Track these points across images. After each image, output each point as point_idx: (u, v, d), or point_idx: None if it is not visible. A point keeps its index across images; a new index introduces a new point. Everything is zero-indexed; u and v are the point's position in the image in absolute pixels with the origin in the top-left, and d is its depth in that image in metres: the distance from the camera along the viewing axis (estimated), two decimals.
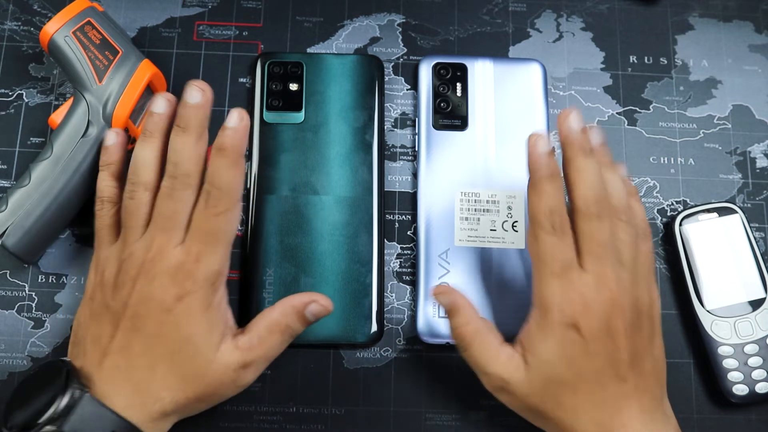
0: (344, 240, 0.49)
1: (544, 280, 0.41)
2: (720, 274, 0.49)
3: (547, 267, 0.41)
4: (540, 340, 0.40)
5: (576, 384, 0.40)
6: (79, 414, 0.38)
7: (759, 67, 0.55)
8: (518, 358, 0.41)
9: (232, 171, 0.41)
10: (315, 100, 0.52)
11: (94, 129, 0.47)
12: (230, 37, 0.54)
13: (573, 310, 0.40)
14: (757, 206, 0.53)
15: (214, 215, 0.41)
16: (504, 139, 0.52)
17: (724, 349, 0.48)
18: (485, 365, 0.41)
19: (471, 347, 0.42)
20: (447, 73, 0.53)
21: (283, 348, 0.43)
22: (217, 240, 0.41)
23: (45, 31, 0.47)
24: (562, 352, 0.40)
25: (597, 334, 0.39)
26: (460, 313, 0.42)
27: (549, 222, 0.40)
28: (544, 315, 0.40)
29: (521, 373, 0.41)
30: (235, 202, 0.41)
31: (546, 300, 0.40)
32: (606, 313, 0.40)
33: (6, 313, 0.49)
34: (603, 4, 0.56)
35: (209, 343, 0.40)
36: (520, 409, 0.42)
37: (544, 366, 0.40)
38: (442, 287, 0.44)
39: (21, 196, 0.46)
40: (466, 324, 0.42)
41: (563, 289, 0.40)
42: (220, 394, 0.41)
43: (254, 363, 0.41)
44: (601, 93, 0.54)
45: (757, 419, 0.49)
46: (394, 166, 0.52)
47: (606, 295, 0.40)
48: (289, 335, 0.42)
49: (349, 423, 0.48)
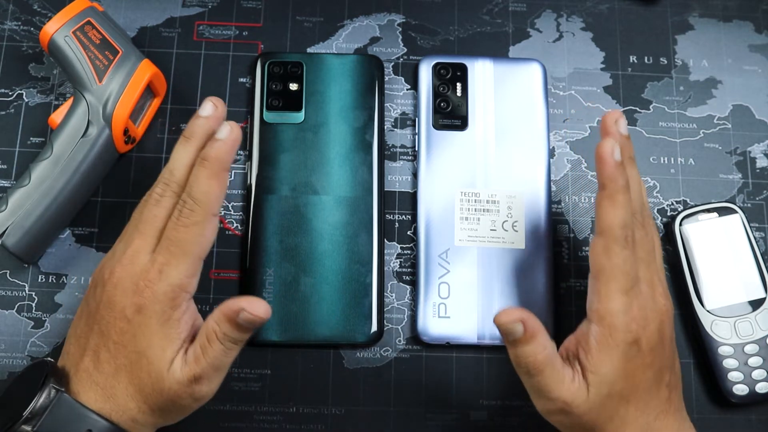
0: (344, 240, 0.49)
1: (613, 297, 0.39)
2: (720, 274, 0.49)
3: (618, 284, 0.39)
4: (604, 359, 0.39)
5: (629, 395, 0.39)
6: (54, 413, 0.38)
7: (759, 67, 0.55)
8: (579, 378, 0.39)
9: (210, 182, 0.39)
10: (315, 100, 0.52)
11: (94, 129, 0.47)
12: (230, 37, 0.54)
13: (637, 326, 0.39)
14: (757, 206, 0.53)
15: (184, 226, 0.39)
16: (504, 139, 0.52)
17: (724, 349, 0.48)
18: (551, 390, 0.39)
19: (543, 374, 0.39)
20: (447, 73, 0.53)
21: (229, 356, 0.39)
22: (183, 253, 0.39)
23: (45, 31, 0.47)
24: (623, 368, 0.39)
25: (654, 346, 0.39)
26: (536, 340, 0.39)
27: (624, 235, 0.39)
28: (611, 333, 0.39)
29: (583, 394, 0.39)
30: (208, 215, 0.39)
31: (613, 319, 0.39)
32: (660, 323, 0.40)
33: (6, 313, 0.49)
34: (603, 4, 0.56)
35: (162, 359, 0.38)
36: (569, 427, 0.40)
37: (606, 383, 0.39)
38: (511, 313, 0.39)
39: (21, 196, 0.46)
40: (542, 350, 0.39)
41: (629, 306, 0.39)
42: (182, 406, 0.39)
43: (204, 375, 0.39)
44: (601, 93, 0.54)
45: (757, 419, 0.49)
46: (394, 166, 0.52)
47: (660, 304, 0.40)
48: (230, 342, 0.39)
49: (349, 423, 0.48)
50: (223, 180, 0.40)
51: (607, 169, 0.39)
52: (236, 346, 0.39)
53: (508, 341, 0.39)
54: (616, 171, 0.39)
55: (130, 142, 0.50)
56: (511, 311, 0.39)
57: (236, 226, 0.51)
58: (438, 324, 0.48)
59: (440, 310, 0.49)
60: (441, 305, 0.49)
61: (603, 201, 0.39)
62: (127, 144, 0.50)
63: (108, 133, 0.47)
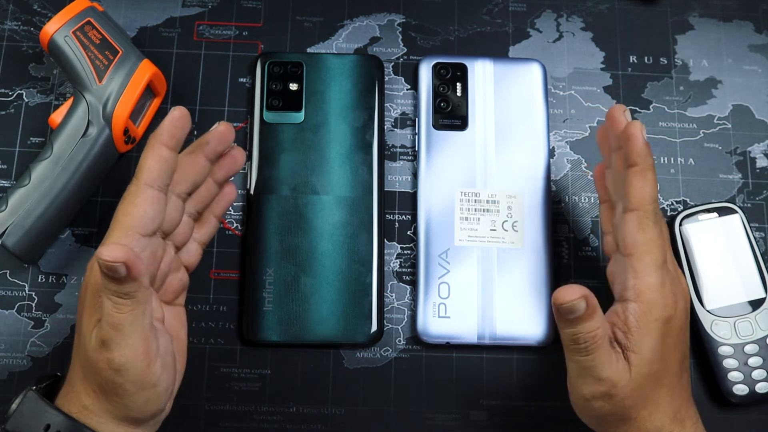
0: (344, 240, 0.49)
1: (649, 271, 0.39)
2: (720, 274, 0.49)
3: (653, 257, 0.39)
4: (643, 337, 0.38)
5: (663, 377, 0.39)
6: (21, 411, 0.38)
7: (759, 67, 0.55)
8: (622, 358, 0.39)
9: (144, 154, 0.40)
10: (315, 100, 0.52)
11: (94, 129, 0.47)
12: (230, 37, 0.54)
13: (670, 302, 0.39)
14: (757, 206, 0.53)
15: (121, 200, 0.40)
16: (504, 139, 0.52)
17: (724, 349, 0.48)
18: (602, 370, 0.38)
19: (599, 350, 0.38)
20: (447, 73, 0.53)
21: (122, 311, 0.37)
22: (115, 222, 0.39)
23: (45, 31, 0.47)
24: (660, 347, 0.39)
25: (681, 325, 0.40)
26: (598, 314, 0.38)
27: (655, 211, 0.40)
28: (650, 309, 0.38)
29: (627, 374, 0.38)
30: (140, 185, 0.39)
31: (652, 294, 0.39)
32: (686, 302, 0.41)
33: (6, 313, 0.49)
34: (603, 4, 0.56)
35: (88, 329, 0.38)
36: (606, 415, 0.39)
37: (645, 363, 0.38)
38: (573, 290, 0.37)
39: (21, 196, 0.46)
40: (603, 325, 0.38)
41: (663, 282, 0.39)
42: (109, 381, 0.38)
43: (107, 337, 0.37)
44: (601, 93, 0.54)
45: (757, 419, 0.49)
46: (394, 166, 0.52)
47: (683, 286, 0.41)
48: (114, 295, 0.36)
49: (349, 423, 0.48)
50: (158, 152, 0.40)
51: (638, 146, 0.40)
52: (124, 301, 0.37)
53: (567, 320, 0.38)
54: (646, 148, 0.40)
55: (130, 142, 0.50)
56: (571, 289, 0.37)
57: (236, 226, 0.51)
58: (438, 324, 0.48)
59: (440, 310, 0.49)
60: (441, 305, 0.49)
61: (635, 177, 0.40)
62: (127, 144, 0.50)
63: (108, 133, 0.47)
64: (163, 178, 0.40)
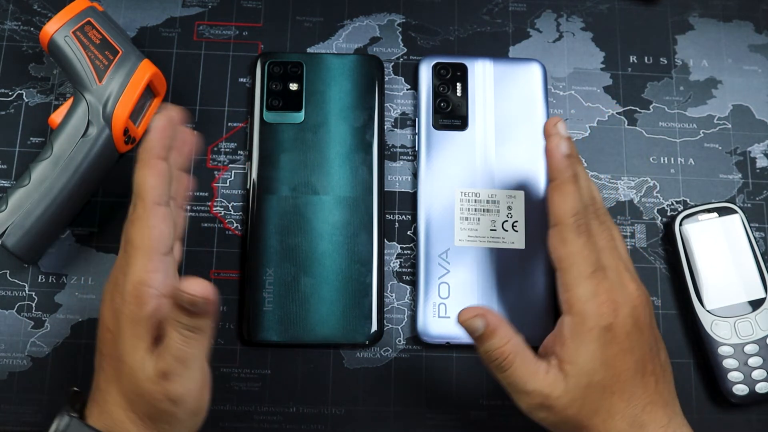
0: (344, 240, 0.49)
1: (576, 283, 0.39)
2: (720, 274, 0.49)
3: (578, 269, 0.39)
4: (578, 348, 0.39)
5: (613, 385, 0.39)
6: None
7: (759, 67, 0.55)
8: (555, 370, 0.39)
9: (143, 172, 0.39)
10: (315, 100, 0.52)
11: (94, 129, 0.47)
12: (230, 37, 0.54)
13: (607, 310, 0.39)
14: (757, 206, 0.53)
15: (130, 222, 0.39)
16: (504, 139, 0.52)
17: (724, 349, 0.48)
18: (525, 383, 0.39)
19: (512, 367, 0.39)
20: (447, 73, 0.53)
21: (192, 346, 0.37)
22: (135, 248, 0.38)
23: (45, 31, 0.47)
24: (601, 355, 0.39)
25: (629, 330, 0.39)
26: (499, 332, 0.39)
27: (576, 223, 0.40)
28: (581, 321, 0.39)
29: (561, 385, 0.39)
30: (149, 206, 0.39)
31: (582, 305, 0.39)
32: (633, 307, 0.40)
33: (6, 313, 0.49)
34: (603, 4, 0.56)
35: (135, 359, 0.38)
36: (555, 424, 0.40)
37: (584, 373, 0.39)
38: (471, 310, 0.40)
39: (21, 196, 0.46)
40: (506, 343, 0.39)
41: (596, 291, 0.39)
42: (164, 410, 0.38)
43: (170, 370, 0.37)
44: (601, 93, 0.54)
45: (757, 419, 0.49)
46: (394, 166, 0.52)
47: (630, 289, 0.40)
48: (185, 329, 0.37)
49: (349, 423, 0.48)
50: (156, 167, 0.39)
51: (554, 161, 0.40)
52: (195, 335, 0.37)
53: (475, 339, 0.40)
54: (562, 162, 0.40)
55: (130, 142, 0.50)
56: (470, 308, 0.40)
57: (236, 226, 0.51)
58: (438, 324, 0.48)
59: (440, 310, 0.49)
60: (441, 305, 0.49)
61: (553, 192, 0.41)
62: (127, 144, 0.50)
63: (108, 133, 0.47)
64: (166, 193, 0.40)
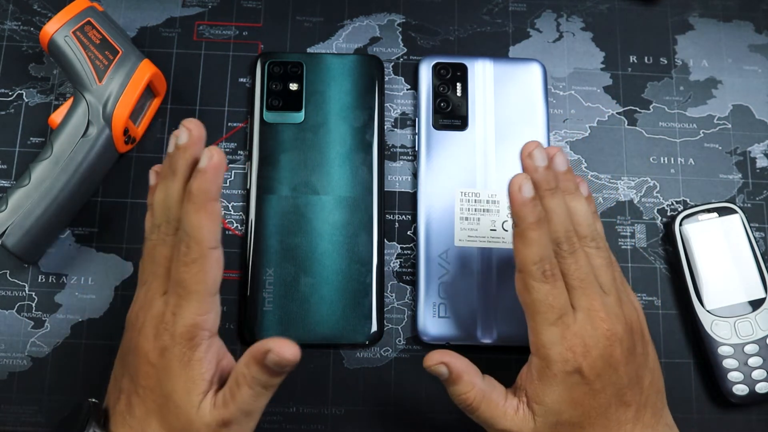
0: (344, 240, 0.49)
1: (541, 330, 0.39)
2: (720, 274, 0.49)
3: (542, 316, 0.39)
4: (545, 389, 0.39)
5: (583, 422, 0.39)
6: None
7: (759, 67, 0.55)
8: (524, 408, 0.40)
9: (199, 216, 0.38)
10: (315, 100, 0.52)
11: (94, 129, 0.47)
12: (230, 37, 0.54)
13: (575, 354, 0.39)
14: (757, 206, 0.53)
15: (184, 265, 0.38)
16: (504, 139, 0.52)
17: (724, 349, 0.48)
18: (495, 423, 0.40)
19: (479, 410, 0.40)
20: (447, 73, 0.53)
21: (260, 401, 0.39)
22: (189, 292, 0.38)
23: (45, 31, 0.47)
24: (568, 397, 0.39)
25: (600, 372, 0.39)
26: (462, 380, 0.41)
27: (540, 270, 0.39)
28: (547, 365, 0.39)
29: (530, 423, 0.40)
30: (206, 251, 0.38)
31: (547, 351, 0.39)
32: (605, 348, 0.39)
33: (6, 313, 0.49)
34: (603, 4, 0.56)
35: (189, 402, 0.38)
36: None
37: (552, 413, 0.39)
38: (435, 355, 0.41)
39: (21, 196, 0.46)
40: (470, 389, 0.40)
41: (562, 336, 0.39)
42: None
43: (233, 420, 0.38)
44: (601, 93, 0.54)
45: (757, 419, 0.49)
46: (394, 166, 0.52)
47: (602, 330, 0.39)
48: (260, 386, 0.38)
49: (349, 423, 0.48)
50: (212, 210, 0.38)
51: (515, 207, 0.39)
52: (266, 391, 0.38)
53: (442, 382, 0.41)
54: (524, 208, 0.39)
55: (130, 142, 0.50)
56: (434, 354, 0.41)
57: (236, 226, 0.51)
58: (438, 324, 0.48)
59: (440, 310, 0.49)
60: (441, 305, 0.49)
61: (515, 239, 0.40)
62: (127, 144, 0.50)
63: (108, 133, 0.47)
64: (219, 235, 0.39)
